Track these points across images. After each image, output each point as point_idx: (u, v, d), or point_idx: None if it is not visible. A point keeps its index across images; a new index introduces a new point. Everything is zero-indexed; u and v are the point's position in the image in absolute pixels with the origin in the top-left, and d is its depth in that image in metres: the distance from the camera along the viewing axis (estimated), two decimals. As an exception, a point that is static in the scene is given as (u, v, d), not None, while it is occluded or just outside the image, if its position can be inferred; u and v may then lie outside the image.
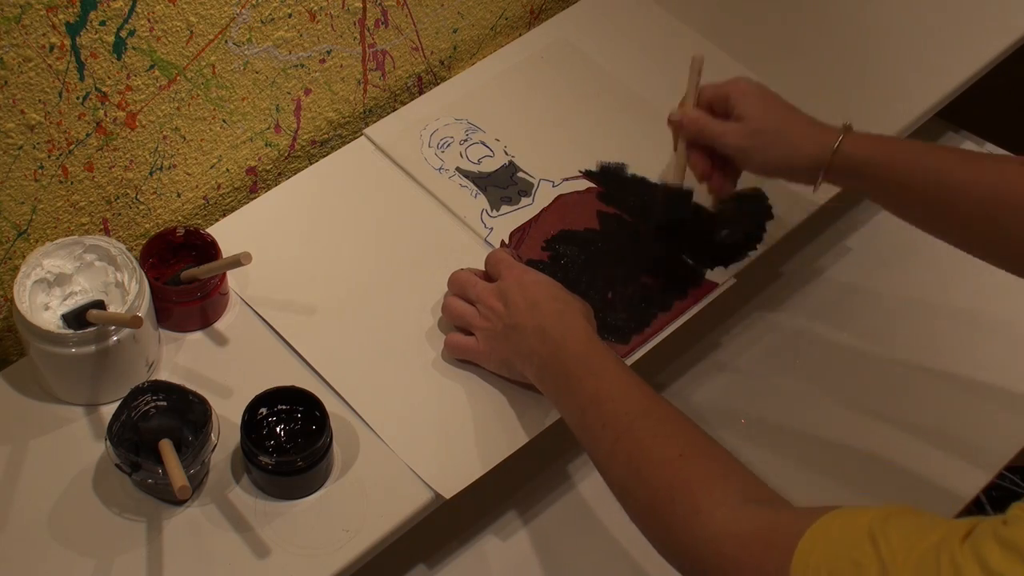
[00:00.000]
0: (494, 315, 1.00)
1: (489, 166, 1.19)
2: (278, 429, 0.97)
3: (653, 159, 1.19)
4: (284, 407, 0.97)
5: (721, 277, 1.12)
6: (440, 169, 1.18)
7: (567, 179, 1.18)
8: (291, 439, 0.96)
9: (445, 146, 1.19)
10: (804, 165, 1.03)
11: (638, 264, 1.12)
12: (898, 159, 1.01)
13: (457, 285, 1.05)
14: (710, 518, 0.78)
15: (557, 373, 0.95)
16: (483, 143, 1.21)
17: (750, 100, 1.05)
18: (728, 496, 0.79)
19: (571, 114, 1.24)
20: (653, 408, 0.89)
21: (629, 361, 1.06)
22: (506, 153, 1.20)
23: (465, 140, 1.21)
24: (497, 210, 1.16)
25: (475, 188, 1.17)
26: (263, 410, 0.97)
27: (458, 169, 1.18)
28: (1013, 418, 1.22)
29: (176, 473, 0.88)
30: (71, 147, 0.97)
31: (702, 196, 1.17)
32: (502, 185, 1.17)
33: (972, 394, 1.24)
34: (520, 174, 1.18)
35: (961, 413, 1.22)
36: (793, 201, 1.05)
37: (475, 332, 1.02)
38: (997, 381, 1.25)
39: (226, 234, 1.08)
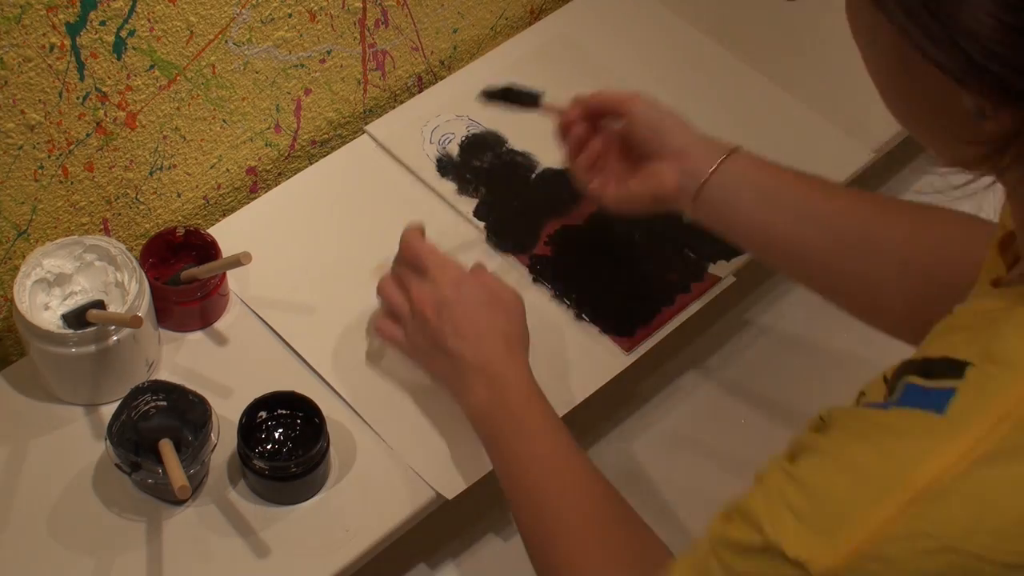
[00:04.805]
0: (425, 325, 0.95)
1: (491, 164, 1.19)
2: (277, 433, 0.97)
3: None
4: (284, 411, 0.97)
5: (723, 271, 1.12)
6: (442, 166, 1.18)
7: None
8: (291, 443, 0.96)
9: (447, 142, 1.19)
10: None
11: (641, 258, 1.12)
12: (739, 223, 0.97)
13: (409, 256, 0.99)
14: None
15: (492, 424, 0.92)
16: (484, 140, 1.21)
17: (643, 131, 0.99)
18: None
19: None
20: (574, 482, 0.88)
21: (635, 355, 1.06)
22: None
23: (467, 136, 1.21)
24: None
25: (478, 183, 1.17)
26: (263, 413, 0.97)
27: (460, 166, 1.18)
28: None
29: (176, 473, 0.88)
30: (71, 147, 0.97)
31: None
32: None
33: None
34: (520, 173, 1.19)
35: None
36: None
37: (402, 326, 0.98)
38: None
39: (226, 234, 1.08)
